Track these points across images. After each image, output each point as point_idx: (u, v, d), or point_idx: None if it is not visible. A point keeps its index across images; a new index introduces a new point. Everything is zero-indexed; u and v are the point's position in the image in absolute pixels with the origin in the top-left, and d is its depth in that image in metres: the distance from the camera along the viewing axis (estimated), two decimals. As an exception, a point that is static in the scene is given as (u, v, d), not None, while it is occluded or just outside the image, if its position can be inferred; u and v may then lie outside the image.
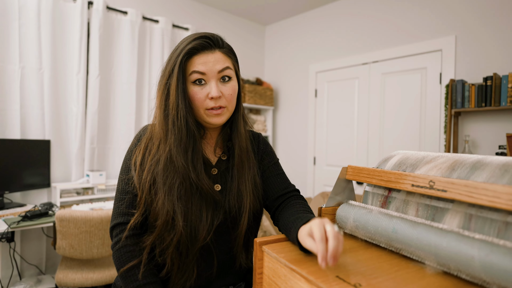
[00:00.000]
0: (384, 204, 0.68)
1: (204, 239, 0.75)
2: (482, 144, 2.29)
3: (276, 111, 3.88)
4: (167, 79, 0.76)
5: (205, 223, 0.75)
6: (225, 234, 0.80)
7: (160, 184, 0.74)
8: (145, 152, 0.79)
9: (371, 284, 0.48)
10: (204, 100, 0.76)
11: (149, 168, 0.76)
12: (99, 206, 2.23)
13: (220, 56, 0.77)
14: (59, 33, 2.47)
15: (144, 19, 2.91)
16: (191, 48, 0.75)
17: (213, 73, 0.76)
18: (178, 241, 0.74)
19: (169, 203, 0.73)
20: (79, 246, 1.74)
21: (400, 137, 2.74)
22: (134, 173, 0.78)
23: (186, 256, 0.75)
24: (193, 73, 0.75)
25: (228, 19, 3.64)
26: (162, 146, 0.76)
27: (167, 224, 0.73)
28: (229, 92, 0.78)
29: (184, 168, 0.74)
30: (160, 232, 0.74)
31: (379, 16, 2.88)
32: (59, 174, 2.53)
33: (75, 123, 2.54)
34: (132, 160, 0.80)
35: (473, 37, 2.33)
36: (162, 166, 0.75)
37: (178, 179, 0.74)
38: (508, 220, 0.48)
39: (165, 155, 0.75)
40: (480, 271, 0.46)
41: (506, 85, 2.05)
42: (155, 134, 0.79)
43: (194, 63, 0.75)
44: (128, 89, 2.81)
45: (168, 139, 0.75)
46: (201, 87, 0.76)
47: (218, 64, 0.76)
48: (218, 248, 0.80)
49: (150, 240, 0.74)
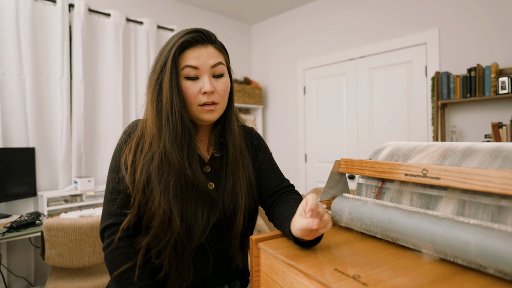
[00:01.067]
0: (378, 195, 0.68)
1: (199, 238, 0.73)
2: (469, 134, 2.33)
3: (265, 110, 3.88)
4: (158, 74, 0.74)
5: (200, 221, 0.74)
6: (220, 234, 0.79)
7: (155, 183, 0.72)
8: (136, 150, 0.76)
9: (370, 275, 0.48)
10: (197, 96, 0.74)
11: (142, 167, 0.73)
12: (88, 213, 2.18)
13: (213, 51, 0.76)
14: (40, 37, 2.41)
15: (128, 21, 2.86)
16: (184, 41, 0.73)
17: (206, 67, 0.74)
18: (175, 241, 0.72)
19: (165, 203, 0.71)
20: (69, 255, 1.69)
21: (389, 131, 2.77)
22: (126, 173, 0.75)
23: (182, 255, 0.73)
24: (185, 67, 0.73)
25: (213, 19, 3.62)
26: (156, 143, 0.73)
27: (164, 224, 0.71)
28: (222, 88, 0.77)
29: (179, 165, 0.72)
30: (157, 233, 0.71)
31: (364, 11, 2.91)
32: (45, 182, 2.46)
33: (60, 129, 2.48)
34: (122, 159, 0.77)
35: (456, 29, 2.38)
36: (157, 164, 0.72)
37: (173, 177, 0.72)
38: (501, 204, 0.48)
39: (159, 152, 0.72)
40: (476, 256, 0.46)
41: (489, 75, 2.09)
42: (147, 131, 0.76)
43: (187, 57, 0.73)
44: (115, 93, 2.76)
45: (162, 136, 0.73)
46: (193, 82, 0.74)
47: (211, 59, 0.75)
48: (214, 248, 0.78)
49: (146, 241, 0.72)
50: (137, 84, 2.91)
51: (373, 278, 0.47)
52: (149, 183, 0.73)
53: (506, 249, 0.43)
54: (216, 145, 0.84)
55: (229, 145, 0.81)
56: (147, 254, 0.74)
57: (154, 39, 2.99)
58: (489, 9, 2.22)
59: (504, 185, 0.45)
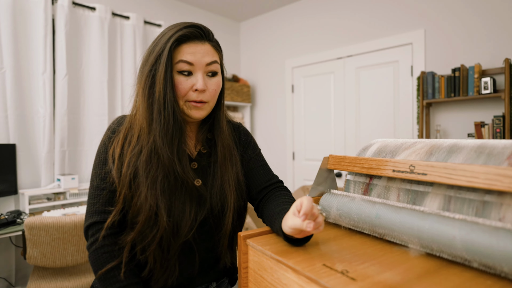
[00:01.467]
0: (366, 192, 0.68)
1: (186, 235, 0.72)
2: (453, 132, 2.39)
3: (253, 108, 3.87)
4: (151, 65, 0.72)
5: (188, 218, 0.72)
6: (208, 232, 0.78)
7: (142, 177, 0.70)
8: (124, 143, 0.74)
9: (358, 270, 0.48)
10: (187, 91, 0.73)
11: (129, 160, 0.71)
12: (72, 211, 2.13)
13: (210, 48, 0.74)
14: (21, 30, 2.33)
15: (114, 16, 2.80)
16: (182, 35, 0.71)
17: (201, 65, 0.73)
18: (161, 237, 0.70)
19: (152, 198, 0.69)
20: (51, 254, 1.65)
21: (375, 129, 2.81)
22: (113, 166, 0.72)
23: (168, 251, 0.72)
24: (180, 62, 0.72)
25: (202, 16, 3.58)
26: (145, 136, 0.72)
27: (150, 219, 0.69)
28: (214, 87, 0.76)
29: (169, 161, 0.70)
30: (142, 228, 0.70)
31: (352, 11, 2.93)
32: (27, 179, 2.39)
33: (42, 125, 2.40)
34: (110, 151, 0.74)
35: (441, 30, 2.43)
36: (145, 158, 0.70)
37: (162, 172, 0.70)
38: (485, 199, 0.49)
39: (149, 147, 0.71)
40: (461, 250, 0.47)
41: (472, 75, 2.14)
42: (136, 124, 0.74)
43: (183, 51, 0.72)
44: (100, 88, 2.70)
45: (153, 130, 0.71)
46: (186, 77, 0.73)
47: (207, 57, 0.73)
48: (200, 246, 0.77)
49: (131, 237, 0.70)
50: (123, 80, 2.85)
51: (361, 273, 0.47)
52: (136, 177, 0.71)
53: (490, 243, 0.43)
54: (204, 142, 0.83)
55: (218, 144, 0.80)
56: (132, 251, 0.72)
57: (141, 34, 2.94)
58: (474, 11, 2.28)
59: (489, 181, 0.45)
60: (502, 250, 0.42)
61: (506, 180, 0.44)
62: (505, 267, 0.42)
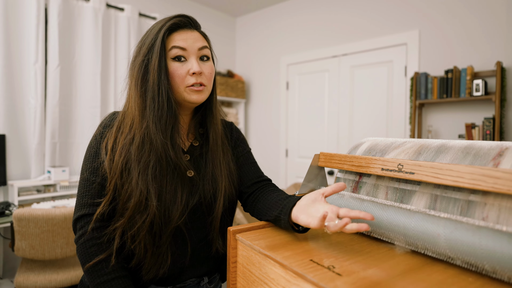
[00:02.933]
0: (355, 189, 0.69)
1: (177, 220, 0.72)
2: (444, 133, 2.42)
3: (248, 104, 3.87)
4: (144, 56, 0.73)
5: (179, 204, 0.73)
6: (200, 219, 0.78)
7: (134, 162, 0.71)
8: (117, 134, 0.75)
9: (344, 266, 0.49)
10: (185, 77, 0.74)
11: (122, 148, 0.72)
12: (62, 203, 2.11)
13: (199, 35, 0.78)
14: (13, 20, 2.28)
15: (108, 7, 2.76)
16: (173, 23, 0.74)
17: (193, 49, 0.75)
18: (151, 223, 0.70)
19: (142, 183, 0.70)
20: (40, 246, 1.63)
21: (368, 128, 2.83)
22: (105, 157, 0.73)
23: (160, 238, 0.72)
24: (173, 48, 0.74)
25: (197, 9, 3.55)
26: (137, 124, 0.72)
27: (140, 204, 0.70)
28: (209, 70, 0.78)
29: (163, 145, 0.71)
30: (132, 214, 0.70)
31: (347, 10, 2.94)
32: (16, 171, 2.36)
33: (33, 116, 2.37)
34: (103, 144, 0.75)
35: (436, 31, 2.45)
36: (137, 144, 0.71)
37: (154, 157, 0.71)
38: (470, 198, 0.50)
39: (142, 132, 0.72)
40: (445, 248, 0.48)
41: (465, 77, 2.17)
42: (128, 114, 0.75)
43: (174, 39, 0.74)
44: (92, 80, 2.67)
45: (146, 116, 0.72)
46: (181, 63, 0.75)
47: (198, 42, 0.76)
48: (192, 234, 0.77)
49: (121, 223, 0.70)
50: (117, 72, 2.82)
51: (347, 269, 0.48)
52: (127, 163, 0.71)
53: (473, 242, 0.45)
54: (196, 133, 0.84)
55: (210, 130, 0.82)
56: (123, 237, 0.72)
57: (136, 26, 2.91)
58: (468, 14, 2.30)
59: (473, 181, 0.46)
60: (483, 248, 0.43)
61: (490, 180, 0.45)
62: (487, 265, 0.43)
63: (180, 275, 0.78)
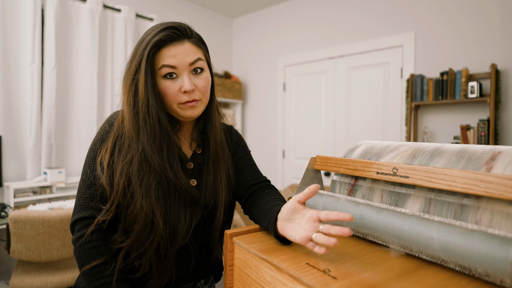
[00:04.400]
0: (351, 192, 0.70)
1: (183, 239, 0.73)
2: (439, 135, 2.44)
3: (245, 105, 3.87)
4: (133, 74, 0.71)
5: (183, 223, 0.73)
6: (202, 230, 0.79)
7: (136, 186, 0.69)
8: (113, 151, 0.73)
9: (340, 269, 0.49)
10: (177, 94, 0.72)
11: (122, 169, 0.71)
12: (58, 205, 2.10)
13: (190, 47, 0.73)
14: (10, 20, 2.27)
15: (105, 8, 2.76)
16: (158, 40, 0.69)
17: (184, 65, 0.71)
18: (158, 244, 0.71)
19: (147, 206, 0.69)
20: (36, 248, 1.63)
21: (365, 129, 2.85)
22: (102, 174, 0.72)
23: (165, 257, 0.73)
24: (162, 67, 0.71)
25: (194, 10, 3.55)
26: (134, 145, 0.71)
27: (146, 227, 0.69)
28: (203, 84, 0.75)
29: (160, 167, 0.70)
30: (138, 236, 0.70)
31: (344, 11, 2.95)
32: (12, 172, 2.35)
33: (29, 117, 2.36)
34: (98, 159, 0.73)
35: (431, 33, 2.47)
36: (137, 166, 0.70)
37: (154, 180, 0.70)
38: (464, 202, 0.51)
39: (139, 154, 0.70)
40: (439, 251, 0.48)
41: (460, 79, 2.19)
42: (125, 132, 0.73)
43: (163, 56, 0.70)
44: (89, 81, 2.66)
45: (141, 138, 0.70)
46: (172, 81, 0.72)
47: (189, 56, 0.72)
48: (196, 245, 0.78)
49: (127, 244, 0.70)
50: (114, 73, 2.81)
51: (342, 272, 0.48)
52: (129, 185, 0.70)
53: (466, 245, 0.45)
54: (199, 141, 0.83)
55: (210, 139, 0.81)
56: (127, 258, 0.72)
57: (133, 28, 2.90)
58: (464, 16, 2.32)
59: (467, 185, 0.47)
60: (476, 251, 0.44)
61: (482, 184, 0.45)
62: (479, 268, 0.44)
63: (179, 282, 0.80)
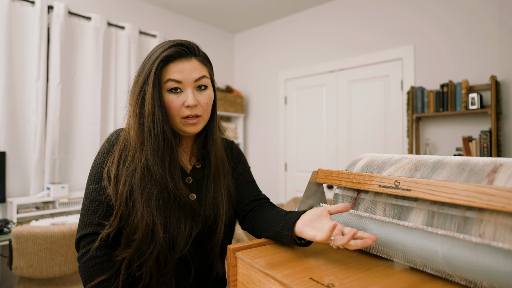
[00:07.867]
0: (354, 206, 0.70)
1: (182, 250, 0.73)
2: (441, 146, 2.43)
3: (246, 119, 3.90)
4: (141, 87, 0.74)
5: (183, 233, 0.74)
6: (202, 243, 0.79)
7: (137, 195, 0.71)
8: (119, 161, 0.75)
9: (343, 284, 0.49)
10: (180, 108, 0.74)
11: (125, 178, 0.73)
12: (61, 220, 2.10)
13: (197, 64, 0.76)
14: (16, 38, 2.33)
15: (109, 25, 2.82)
16: (167, 55, 0.73)
17: (189, 81, 0.74)
18: (158, 253, 0.72)
19: (148, 215, 0.70)
20: (38, 264, 1.62)
21: (366, 142, 2.85)
22: (109, 185, 0.73)
23: (164, 267, 0.73)
24: (168, 81, 0.73)
25: (197, 27, 3.62)
26: (138, 155, 0.73)
27: (147, 236, 0.71)
28: (205, 100, 0.77)
29: (161, 178, 0.72)
30: (139, 245, 0.71)
31: (344, 26, 3.00)
32: (15, 188, 2.35)
33: (34, 133, 2.38)
34: (105, 170, 0.75)
35: (430, 46, 2.50)
36: (139, 176, 0.72)
37: (156, 189, 0.72)
38: (466, 215, 0.51)
39: (142, 165, 0.72)
40: (443, 265, 0.48)
41: (460, 91, 2.20)
42: (130, 143, 0.75)
43: (170, 70, 0.73)
44: (93, 97, 2.70)
45: (145, 148, 0.73)
46: (177, 95, 0.74)
47: (194, 73, 0.75)
48: (195, 258, 0.78)
49: (129, 254, 0.71)
50: (117, 89, 2.86)
51: (346, 287, 0.48)
52: (131, 194, 0.72)
53: (470, 259, 0.45)
54: (199, 156, 0.85)
55: (211, 155, 0.82)
56: (129, 268, 0.73)
57: (136, 44, 2.96)
58: (462, 29, 2.36)
59: (469, 198, 0.47)
60: (481, 265, 0.44)
61: (484, 197, 0.45)
62: (484, 282, 0.44)
63: None
